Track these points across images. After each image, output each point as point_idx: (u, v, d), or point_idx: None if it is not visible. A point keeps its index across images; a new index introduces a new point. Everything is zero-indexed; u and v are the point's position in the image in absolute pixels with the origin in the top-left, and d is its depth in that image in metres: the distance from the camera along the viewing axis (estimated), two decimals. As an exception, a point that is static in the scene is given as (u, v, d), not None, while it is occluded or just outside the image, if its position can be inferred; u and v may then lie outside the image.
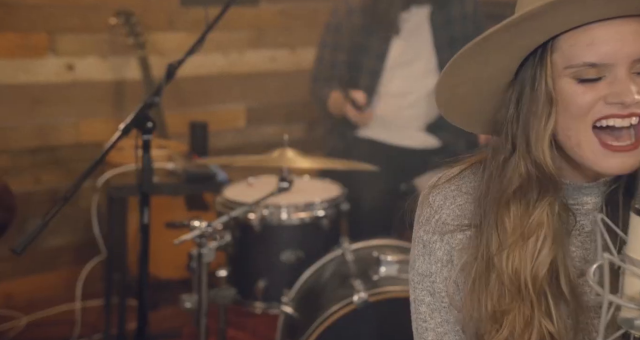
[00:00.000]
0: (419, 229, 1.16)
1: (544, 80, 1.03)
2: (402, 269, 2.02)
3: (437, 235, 1.13)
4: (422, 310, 1.16)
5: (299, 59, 3.81)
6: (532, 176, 1.05)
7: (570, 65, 1.01)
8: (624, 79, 0.99)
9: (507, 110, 1.06)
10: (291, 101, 3.82)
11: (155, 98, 1.89)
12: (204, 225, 1.97)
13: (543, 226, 1.06)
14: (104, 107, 3.34)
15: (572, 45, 1.00)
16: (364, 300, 1.91)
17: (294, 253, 2.35)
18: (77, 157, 3.30)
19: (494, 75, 1.07)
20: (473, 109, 1.12)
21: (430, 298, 1.15)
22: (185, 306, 2.27)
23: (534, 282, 1.05)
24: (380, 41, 2.80)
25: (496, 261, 1.07)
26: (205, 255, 1.97)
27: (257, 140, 3.76)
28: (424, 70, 2.84)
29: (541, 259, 1.06)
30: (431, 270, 1.15)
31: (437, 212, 1.14)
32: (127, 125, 1.86)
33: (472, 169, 1.15)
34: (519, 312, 1.06)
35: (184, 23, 3.48)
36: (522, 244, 1.06)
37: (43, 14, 3.13)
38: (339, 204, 2.44)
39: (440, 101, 1.11)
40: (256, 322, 2.86)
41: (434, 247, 1.14)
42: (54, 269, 3.28)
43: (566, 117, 1.02)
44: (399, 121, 2.83)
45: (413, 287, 1.18)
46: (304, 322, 2.11)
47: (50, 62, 3.17)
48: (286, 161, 2.12)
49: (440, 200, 1.14)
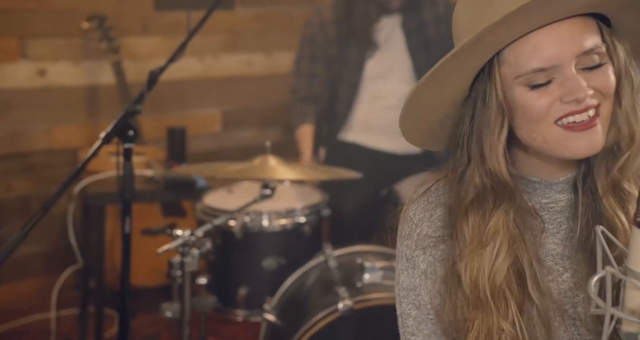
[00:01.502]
0: (402, 244, 1.17)
1: (494, 93, 1.07)
2: (386, 276, 2.01)
3: (419, 249, 1.15)
4: (409, 323, 1.17)
5: (274, 63, 3.79)
6: (487, 186, 1.09)
7: (519, 74, 1.05)
8: (573, 77, 1.03)
9: (463, 125, 1.10)
10: (267, 105, 3.80)
11: (137, 106, 1.86)
12: (187, 233, 1.94)
13: (499, 234, 1.09)
14: (77, 113, 3.29)
15: (517, 55, 1.04)
16: (349, 307, 1.90)
17: (276, 260, 2.34)
18: (49, 163, 3.25)
19: (450, 96, 1.10)
20: (434, 129, 1.15)
21: (416, 311, 1.16)
22: (165, 315, 2.23)
23: (492, 289, 1.08)
24: (356, 53, 2.81)
25: (457, 270, 1.10)
26: (189, 264, 1.93)
27: (234, 144, 3.74)
28: (401, 76, 2.84)
29: (497, 266, 1.09)
30: (415, 284, 1.16)
31: (417, 225, 1.16)
32: (108, 133, 1.82)
33: (445, 180, 1.17)
34: (481, 320, 1.08)
35: (158, 27, 3.44)
36: (479, 252, 1.09)
37: (14, 19, 3.07)
38: (320, 210, 2.43)
39: (403, 127, 1.15)
40: (236, 330, 2.82)
41: (417, 260, 1.15)
42: (25, 278, 3.22)
43: (527, 122, 1.07)
44: (380, 124, 2.83)
45: (399, 302, 1.18)
46: (287, 330, 2.09)
47: (21, 67, 3.11)
48: (269, 171, 2.10)
49: (420, 214, 1.16)
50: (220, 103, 3.70)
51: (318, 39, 2.84)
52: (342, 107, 2.85)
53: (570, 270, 1.14)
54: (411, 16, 2.81)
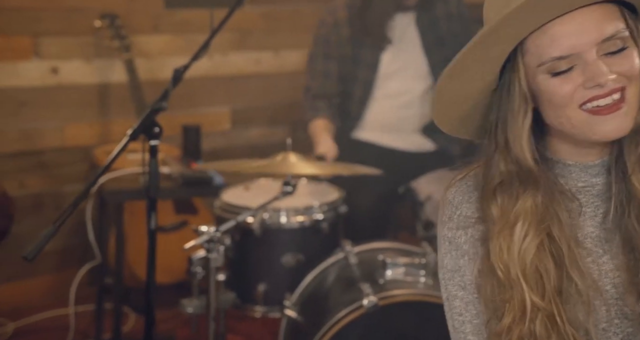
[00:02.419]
0: (443, 228, 1.21)
1: (518, 82, 1.12)
2: (408, 272, 2.03)
3: (461, 230, 1.18)
4: (456, 304, 1.19)
5: (282, 61, 3.81)
6: (512, 172, 1.13)
7: (541, 62, 1.09)
8: (594, 63, 1.07)
9: (491, 114, 1.16)
10: (275, 103, 3.82)
11: (162, 103, 1.87)
12: (212, 230, 1.96)
13: (526, 215, 1.13)
14: (89, 111, 3.30)
15: (537, 45, 1.09)
16: (374, 304, 1.91)
17: (294, 256, 2.35)
18: (61, 161, 3.26)
19: (478, 87, 1.15)
20: (466, 119, 1.20)
21: (462, 292, 1.19)
22: (187, 311, 2.25)
23: (522, 267, 1.11)
24: (371, 51, 2.81)
25: (489, 250, 1.14)
26: (214, 259, 1.95)
27: (242, 142, 3.75)
28: (416, 74, 2.85)
29: (525, 246, 1.12)
30: (459, 264, 1.18)
31: (457, 208, 1.19)
32: (135, 130, 1.84)
33: (481, 167, 1.22)
34: (515, 299, 1.11)
35: (168, 25, 3.46)
36: (507, 233, 1.13)
37: (27, 17, 3.08)
38: (337, 207, 2.44)
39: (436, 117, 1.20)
40: (251, 327, 2.85)
41: (460, 241, 1.19)
42: (39, 275, 3.23)
43: (553, 109, 1.11)
44: (394, 122, 2.84)
45: (445, 285, 1.21)
46: (309, 326, 2.11)
47: (35, 66, 3.12)
48: (291, 168, 2.12)
49: (459, 196, 1.20)
50: (229, 101, 3.72)
51: (332, 38, 2.84)
52: (356, 106, 2.86)
53: (609, 252, 1.17)
54: (425, 13, 2.82)
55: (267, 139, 3.81)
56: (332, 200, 2.44)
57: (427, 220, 2.45)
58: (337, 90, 2.87)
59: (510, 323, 1.11)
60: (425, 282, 2.02)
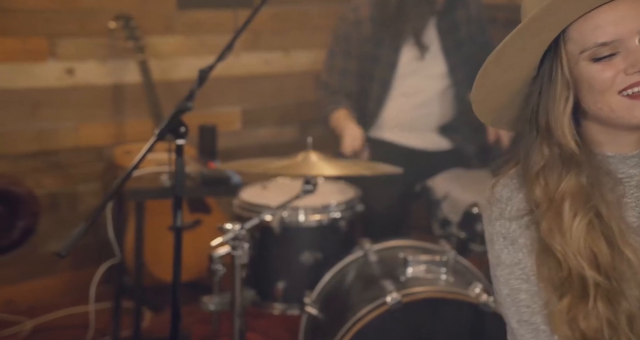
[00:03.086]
0: (495, 225, 1.22)
1: (560, 69, 1.16)
2: (429, 270, 2.06)
3: (514, 224, 1.20)
4: (522, 297, 1.20)
5: (292, 61, 3.84)
6: (555, 155, 1.17)
7: (584, 49, 1.13)
8: (636, 50, 1.12)
9: (532, 101, 1.19)
10: (284, 103, 3.85)
11: (188, 103, 1.90)
12: (238, 227, 1.99)
13: (572, 195, 1.16)
14: (103, 111, 3.33)
15: (581, 32, 1.13)
16: (397, 301, 1.93)
17: (313, 254, 2.38)
18: (76, 161, 3.29)
19: (518, 76, 1.19)
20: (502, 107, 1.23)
21: (526, 285, 1.20)
22: (208, 308, 2.29)
23: (577, 245, 1.14)
24: (390, 50, 2.83)
25: (541, 233, 1.17)
26: (239, 257, 1.99)
27: (253, 142, 3.78)
28: (434, 74, 2.88)
29: (576, 225, 1.15)
30: (519, 258, 1.20)
31: (507, 204, 1.21)
32: (162, 130, 1.87)
33: (522, 163, 1.24)
34: (574, 277, 1.14)
35: (181, 26, 3.49)
36: (556, 213, 1.16)
37: (43, 19, 3.11)
38: (354, 205, 2.47)
39: (476, 108, 1.24)
40: (267, 324, 2.87)
41: (515, 235, 1.20)
42: (55, 273, 3.26)
43: (592, 95, 1.15)
44: (411, 121, 2.87)
45: (505, 281, 1.21)
46: (330, 324, 2.13)
47: (51, 66, 3.16)
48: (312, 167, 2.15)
49: (507, 193, 1.22)
50: (240, 101, 3.75)
51: (353, 36, 2.85)
52: (373, 105, 2.88)
53: None
54: (445, 17, 2.84)
55: (277, 138, 3.85)
56: (350, 198, 2.47)
57: (444, 218, 2.49)
58: (355, 88, 2.89)
59: (571, 302, 1.13)
60: (446, 280, 2.04)
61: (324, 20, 3.80)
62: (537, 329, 1.19)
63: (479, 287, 1.96)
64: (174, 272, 1.93)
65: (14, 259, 2.90)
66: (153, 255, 3.03)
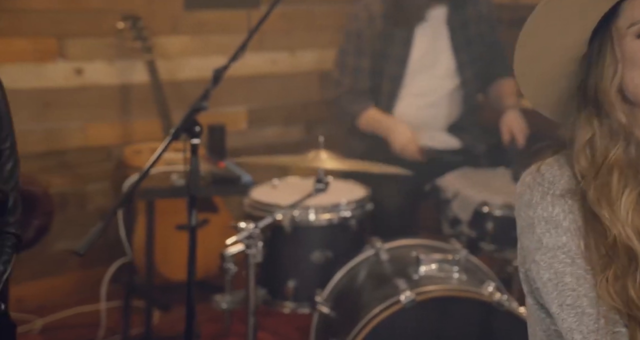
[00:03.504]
0: (537, 208, 1.20)
1: (608, 45, 1.16)
2: (441, 268, 2.07)
3: (557, 207, 1.18)
4: (567, 280, 1.17)
5: (297, 61, 3.85)
6: (604, 126, 1.17)
7: (632, 23, 1.14)
8: None
9: (579, 77, 1.20)
10: (290, 103, 3.86)
11: (203, 103, 1.92)
12: (252, 226, 2.01)
13: (621, 166, 1.15)
14: (111, 111, 3.35)
15: (632, 8, 1.14)
16: (411, 299, 1.94)
17: (323, 253, 2.40)
18: (84, 160, 3.31)
19: (566, 46, 1.19)
20: (545, 82, 1.23)
21: (570, 268, 1.17)
22: (220, 307, 2.30)
23: (625, 219, 1.13)
24: (400, 46, 2.84)
25: (590, 206, 1.16)
26: (254, 255, 2.00)
27: (259, 141, 3.80)
28: (444, 72, 2.89)
29: (626, 195, 1.14)
30: (562, 241, 1.18)
31: (549, 188, 1.20)
32: (177, 129, 1.89)
33: (563, 151, 1.24)
34: (621, 249, 1.13)
35: (187, 27, 3.50)
36: (605, 184, 1.15)
37: (52, 19, 3.12)
38: (364, 204, 2.49)
39: (518, 69, 1.22)
40: (277, 322, 2.89)
41: (559, 219, 1.18)
42: (64, 272, 3.28)
43: (631, 71, 1.15)
44: (420, 121, 2.88)
45: (548, 265, 1.19)
46: (342, 322, 2.15)
47: (60, 67, 3.17)
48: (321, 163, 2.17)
49: (550, 177, 1.20)
50: (246, 101, 3.76)
51: (365, 33, 2.85)
52: (384, 102, 2.89)
53: None
54: (456, 13, 2.86)
55: (283, 138, 3.86)
56: (360, 197, 2.49)
57: (454, 217, 2.50)
58: (368, 86, 2.90)
59: (618, 271, 1.12)
60: (459, 278, 2.06)
61: (329, 20, 3.82)
62: (582, 313, 1.15)
63: (491, 285, 1.97)
64: (189, 271, 1.95)
65: (23, 258, 2.91)
66: (160, 255, 3.05)
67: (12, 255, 1.42)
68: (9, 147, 1.43)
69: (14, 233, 1.43)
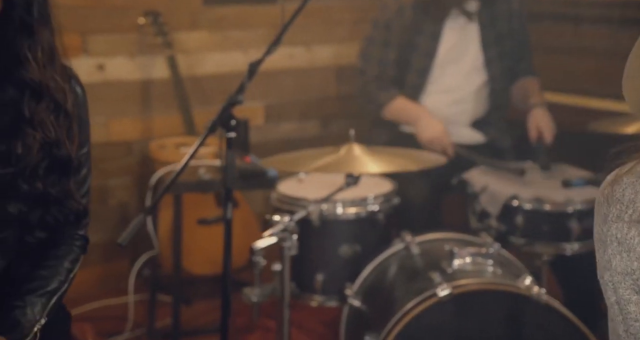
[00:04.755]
0: (610, 226, 1.13)
1: None
2: (475, 262, 2.08)
3: (633, 231, 1.11)
4: (632, 309, 1.12)
5: (314, 56, 3.86)
6: None
7: None
8: None
9: None
10: (306, 98, 3.87)
11: (239, 97, 1.94)
12: (287, 219, 2.02)
13: None
14: (132, 107, 3.36)
15: None
16: (449, 293, 1.94)
17: (352, 247, 2.40)
18: (106, 155, 3.32)
19: None
20: None
21: (637, 296, 1.12)
22: (250, 300, 2.31)
23: None
24: (429, 39, 2.83)
25: None
26: (289, 248, 2.02)
27: (275, 137, 3.81)
28: (471, 67, 2.89)
29: None
30: (633, 267, 1.11)
31: (628, 206, 1.12)
32: (213, 123, 1.90)
33: None
34: None
35: (207, 22, 3.51)
36: None
37: (76, 15, 3.14)
38: (391, 198, 2.50)
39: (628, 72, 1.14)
40: (302, 316, 2.90)
41: (632, 243, 1.11)
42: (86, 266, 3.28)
43: None
44: (446, 117, 2.87)
45: (614, 288, 1.14)
46: (375, 315, 2.16)
47: (83, 62, 3.19)
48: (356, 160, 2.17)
49: (631, 194, 1.12)
50: (263, 96, 3.77)
51: (394, 24, 2.84)
52: (408, 95, 2.88)
53: None
54: (487, 9, 2.85)
55: (300, 133, 3.87)
56: (387, 191, 2.49)
57: (482, 210, 2.51)
58: (392, 77, 2.89)
59: None
60: (493, 271, 2.06)
61: (346, 14, 3.82)
62: None
63: (528, 278, 1.98)
64: (225, 263, 1.97)
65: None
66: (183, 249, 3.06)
67: (80, 255, 1.50)
68: (85, 153, 1.49)
69: (83, 235, 1.51)
